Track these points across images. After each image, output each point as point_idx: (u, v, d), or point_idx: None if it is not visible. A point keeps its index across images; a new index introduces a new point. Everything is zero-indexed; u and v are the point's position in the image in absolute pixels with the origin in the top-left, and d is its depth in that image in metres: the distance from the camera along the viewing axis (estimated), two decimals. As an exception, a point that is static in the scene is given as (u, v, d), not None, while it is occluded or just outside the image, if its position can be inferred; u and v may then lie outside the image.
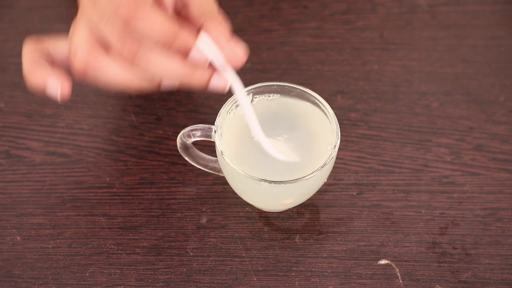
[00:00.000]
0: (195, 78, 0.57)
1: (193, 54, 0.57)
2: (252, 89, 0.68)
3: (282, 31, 0.84)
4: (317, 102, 0.67)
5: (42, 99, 0.78)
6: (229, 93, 0.70)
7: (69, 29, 0.63)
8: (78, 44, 0.58)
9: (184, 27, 0.56)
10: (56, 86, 0.59)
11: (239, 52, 0.58)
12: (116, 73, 0.58)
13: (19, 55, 0.81)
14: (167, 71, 0.57)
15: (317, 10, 0.85)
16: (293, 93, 0.68)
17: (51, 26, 0.84)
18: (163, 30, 0.55)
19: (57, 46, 0.61)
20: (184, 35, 0.56)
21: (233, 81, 0.59)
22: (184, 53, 0.57)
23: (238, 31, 0.83)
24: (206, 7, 0.58)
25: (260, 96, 0.68)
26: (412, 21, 0.84)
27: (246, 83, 0.69)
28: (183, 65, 0.57)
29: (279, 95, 0.68)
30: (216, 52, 0.57)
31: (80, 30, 0.58)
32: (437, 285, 0.68)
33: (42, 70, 0.59)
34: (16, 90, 0.79)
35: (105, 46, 0.58)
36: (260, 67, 0.81)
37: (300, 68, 0.81)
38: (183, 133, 0.66)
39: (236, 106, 0.67)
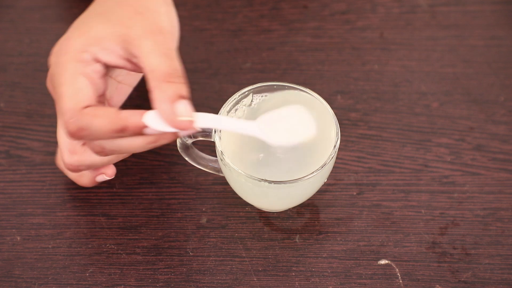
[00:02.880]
0: (163, 141, 0.59)
1: (147, 132, 0.58)
2: (252, 89, 0.68)
3: (282, 31, 0.84)
4: (317, 102, 0.67)
5: (42, 99, 0.78)
6: (229, 94, 0.70)
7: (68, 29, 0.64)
8: (61, 146, 0.64)
9: (127, 111, 0.59)
10: (102, 177, 0.67)
11: (185, 121, 0.58)
12: (99, 160, 0.64)
13: (19, 55, 0.81)
14: (135, 149, 0.60)
15: (317, 10, 0.85)
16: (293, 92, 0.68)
17: (51, 26, 0.84)
18: (109, 130, 0.58)
19: (68, 142, 0.65)
20: (130, 122, 0.58)
21: (201, 122, 0.59)
22: (141, 133, 0.59)
23: (238, 31, 0.83)
24: (154, 63, 0.59)
25: (260, 96, 0.68)
26: (412, 21, 0.84)
27: (246, 83, 0.69)
28: (145, 138, 0.59)
29: (279, 95, 0.68)
30: (165, 125, 0.58)
31: (59, 129, 0.65)
32: (437, 285, 0.68)
33: (84, 178, 0.68)
34: (16, 90, 0.79)
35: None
36: (260, 67, 0.81)
37: (300, 68, 0.81)
38: (183, 133, 0.66)
39: (236, 109, 0.67)
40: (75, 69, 0.60)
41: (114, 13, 0.62)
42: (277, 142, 0.62)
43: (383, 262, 0.69)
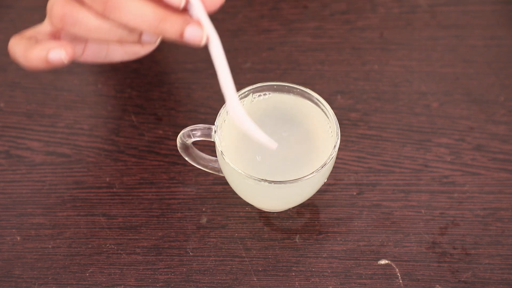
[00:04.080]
0: (169, 26, 0.54)
1: None
2: (252, 89, 0.68)
3: (282, 31, 0.84)
4: (317, 102, 0.67)
5: (42, 99, 0.78)
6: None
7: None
8: (53, 0, 0.57)
9: None
10: (58, 51, 0.57)
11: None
12: (92, 25, 0.56)
13: (19, 55, 0.81)
14: (138, 18, 0.54)
15: (317, 10, 0.85)
16: (293, 93, 0.68)
17: (51, 26, 0.84)
18: None
19: (39, 30, 0.60)
20: None
21: (210, 34, 0.54)
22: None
23: (238, 31, 0.83)
24: None
25: (260, 95, 0.68)
26: (412, 21, 0.84)
27: (246, 83, 0.69)
28: (154, 10, 0.54)
29: (279, 95, 0.68)
30: None
31: None
32: (437, 285, 0.68)
33: (37, 46, 0.58)
34: (16, 90, 0.79)
35: (81, 2, 0.56)
36: (260, 67, 0.81)
37: (300, 68, 0.81)
38: (183, 133, 0.66)
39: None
40: None
41: None
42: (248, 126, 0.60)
43: (383, 262, 0.69)
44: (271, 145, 0.61)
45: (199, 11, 0.54)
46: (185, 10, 0.55)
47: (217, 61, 0.56)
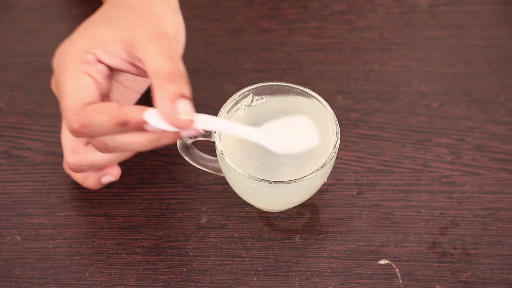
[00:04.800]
0: (165, 141, 0.60)
1: (148, 128, 0.59)
2: (252, 89, 0.68)
3: (282, 31, 0.84)
4: (317, 102, 0.67)
5: (42, 99, 0.78)
6: (229, 94, 0.70)
7: (69, 29, 0.64)
8: (64, 146, 0.66)
9: (129, 107, 0.59)
10: (108, 177, 0.69)
11: (185, 120, 0.58)
12: (101, 159, 0.66)
13: (19, 55, 0.81)
14: (137, 147, 0.60)
15: (317, 10, 0.85)
16: (293, 93, 0.68)
17: (51, 26, 0.84)
18: (111, 124, 0.58)
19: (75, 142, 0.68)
20: (132, 117, 0.58)
21: (202, 123, 0.59)
22: (142, 129, 0.59)
23: (238, 31, 0.83)
24: (157, 64, 0.59)
25: (260, 96, 0.68)
26: (412, 21, 0.84)
27: (246, 83, 0.69)
28: (147, 135, 0.59)
29: (279, 95, 0.68)
30: (165, 124, 0.58)
31: (63, 131, 0.67)
32: (437, 285, 0.68)
33: (90, 177, 0.69)
34: (16, 90, 0.79)
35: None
36: (260, 67, 0.81)
37: (300, 68, 0.81)
38: (183, 133, 0.66)
39: (237, 109, 0.67)
40: (78, 68, 0.60)
41: (119, 18, 0.62)
42: (281, 150, 0.62)
43: (383, 262, 0.69)
44: (273, 147, 0.62)
45: (176, 127, 0.59)
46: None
47: (223, 129, 0.62)
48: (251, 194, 0.67)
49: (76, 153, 0.65)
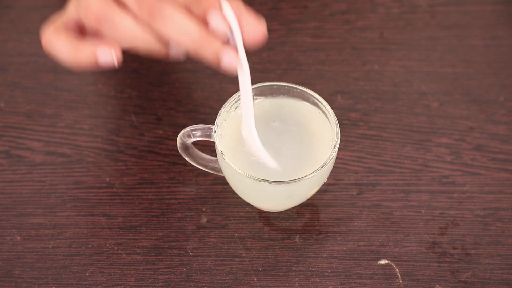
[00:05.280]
0: (208, 48, 0.54)
1: (213, 18, 0.53)
2: (252, 89, 0.67)
3: (282, 31, 0.84)
4: (317, 102, 0.67)
5: (42, 99, 0.78)
6: (229, 94, 0.70)
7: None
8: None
9: None
10: (109, 52, 0.56)
11: (260, 27, 0.55)
12: (129, 28, 0.54)
13: (19, 55, 0.81)
14: (182, 33, 0.53)
15: (317, 10, 0.85)
16: (293, 93, 0.68)
17: (51, 26, 0.83)
18: None
19: (68, 18, 0.58)
20: None
21: (243, 66, 0.57)
22: (203, 20, 0.54)
23: (238, 31, 0.83)
24: None
25: (260, 96, 0.68)
26: (412, 21, 0.84)
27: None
28: (200, 29, 0.53)
29: (279, 95, 0.68)
30: (236, 24, 0.54)
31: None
32: (437, 285, 0.68)
33: (83, 44, 0.56)
34: (16, 90, 0.79)
35: (120, 3, 0.55)
36: (260, 67, 0.81)
37: (300, 68, 0.81)
38: (183, 133, 0.66)
39: (236, 107, 0.67)
40: None
41: None
42: (261, 154, 0.65)
43: (383, 262, 0.69)
44: (275, 166, 0.64)
45: (238, 41, 0.55)
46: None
47: (243, 89, 0.60)
48: (251, 194, 0.67)
49: (109, 3, 0.54)
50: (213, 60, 0.55)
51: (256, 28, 0.55)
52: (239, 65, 0.57)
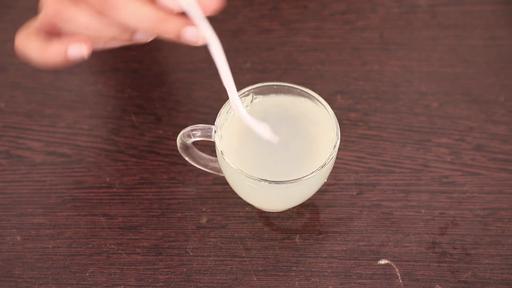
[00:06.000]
0: (167, 27, 0.54)
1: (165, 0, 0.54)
2: (252, 89, 0.68)
3: (282, 31, 0.84)
4: (317, 102, 0.67)
5: (42, 99, 0.78)
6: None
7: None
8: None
9: None
10: (78, 46, 0.57)
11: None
12: (85, 22, 0.56)
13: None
14: (138, 19, 0.54)
15: (317, 10, 0.85)
16: (293, 93, 0.68)
17: (51, 26, 0.84)
18: None
19: (42, 23, 0.60)
20: None
21: (208, 34, 0.55)
22: (154, 1, 0.54)
23: (238, 31, 0.83)
24: None
25: (261, 96, 0.68)
26: (412, 21, 0.84)
27: (246, 83, 0.69)
28: (154, 11, 0.54)
29: (279, 95, 0.68)
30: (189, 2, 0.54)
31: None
32: (437, 285, 0.68)
33: (52, 43, 0.58)
34: (16, 90, 0.79)
35: (75, 1, 0.56)
36: (260, 67, 0.81)
37: (300, 68, 0.81)
38: (183, 133, 0.66)
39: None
40: None
41: None
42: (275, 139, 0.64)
43: (383, 262, 0.69)
44: (272, 139, 0.63)
45: (196, 13, 0.55)
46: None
47: (217, 60, 0.58)
48: (251, 194, 0.67)
49: (62, 1, 0.57)
50: (176, 38, 0.55)
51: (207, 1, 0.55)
52: (201, 36, 0.55)
